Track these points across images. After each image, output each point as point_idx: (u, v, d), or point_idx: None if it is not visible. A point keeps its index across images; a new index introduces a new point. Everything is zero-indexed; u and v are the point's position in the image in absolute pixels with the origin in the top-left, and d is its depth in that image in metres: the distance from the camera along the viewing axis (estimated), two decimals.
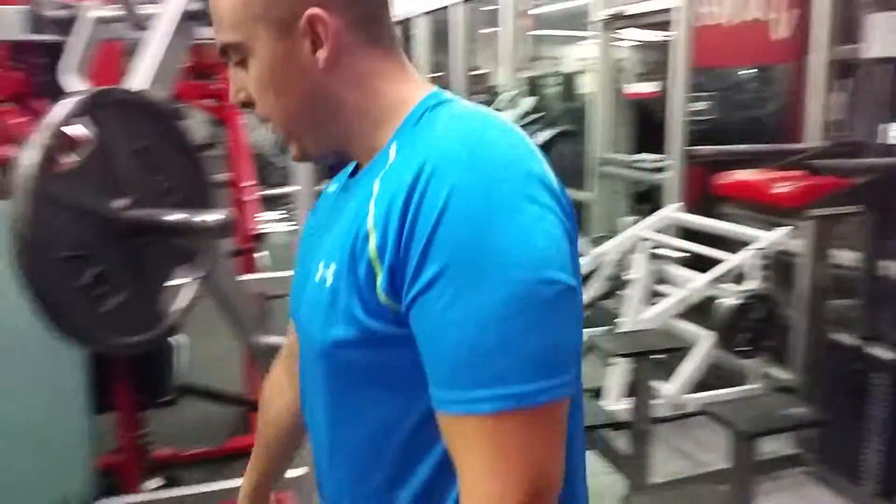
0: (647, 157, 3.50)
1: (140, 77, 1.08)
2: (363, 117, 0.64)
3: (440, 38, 5.82)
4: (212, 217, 1.06)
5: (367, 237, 0.57)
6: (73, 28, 1.23)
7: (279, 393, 0.92)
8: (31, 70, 2.80)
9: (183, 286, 1.18)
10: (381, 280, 0.56)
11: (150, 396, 2.01)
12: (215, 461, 2.42)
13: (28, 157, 0.88)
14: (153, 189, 1.07)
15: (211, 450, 2.56)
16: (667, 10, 3.18)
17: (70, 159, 0.91)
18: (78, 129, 0.91)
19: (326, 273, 0.62)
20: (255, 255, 2.44)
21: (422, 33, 6.13)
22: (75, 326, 0.95)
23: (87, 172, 0.95)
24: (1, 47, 2.82)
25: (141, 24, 1.24)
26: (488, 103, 4.05)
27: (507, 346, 0.53)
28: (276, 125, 0.66)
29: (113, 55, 2.76)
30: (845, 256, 2.34)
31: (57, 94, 2.92)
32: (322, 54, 0.60)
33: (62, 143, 0.90)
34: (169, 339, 2.18)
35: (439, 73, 6.28)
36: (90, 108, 0.93)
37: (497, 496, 0.54)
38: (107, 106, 0.98)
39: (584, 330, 0.64)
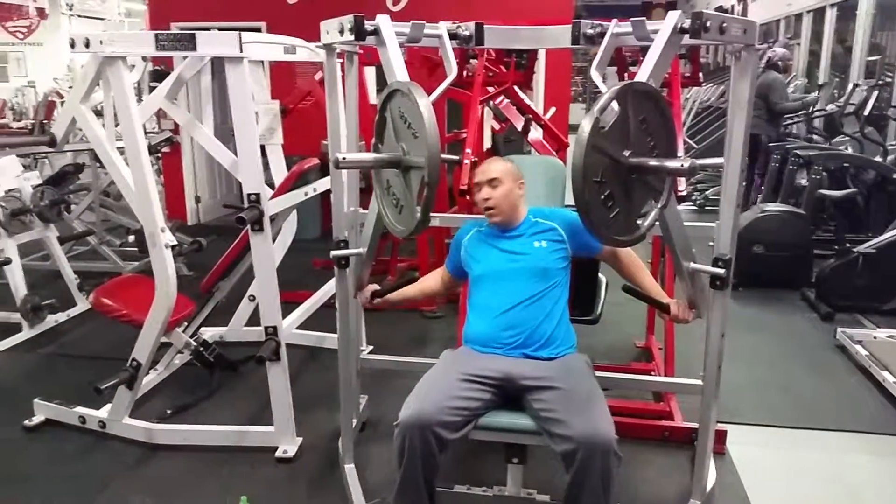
0: None
1: (644, 72, 1.70)
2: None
3: (887, 14, 5.50)
4: (678, 164, 1.64)
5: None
6: (601, 40, 1.91)
7: (434, 282, 2.47)
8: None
9: (650, 212, 1.80)
10: None
11: (580, 313, 2.61)
12: None
13: (586, 123, 1.56)
14: (644, 145, 1.69)
15: (617, 366, 3.26)
16: None
17: (606, 125, 1.58)
18: (613, 107, 1.57)
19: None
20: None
21: (862, 11, 5.79)
22: (595, 221, 1.63)
23: (613, 133, 1.60)
24: (498, 53, 3.82)
25: (644, 36, 1.87)
26: None
27: None
28: (499, 210, 2.22)
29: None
30: None
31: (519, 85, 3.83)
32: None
33: (605, 116, 1.57)
34: (598, 273, 2.88)
35: (875, 57, 5.86)
36: (621, 95, 1.59)
37: None
38: (627, 93, 1.62)
39: None
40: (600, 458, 1.79)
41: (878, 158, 5.26)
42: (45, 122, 6.28)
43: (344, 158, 1.73)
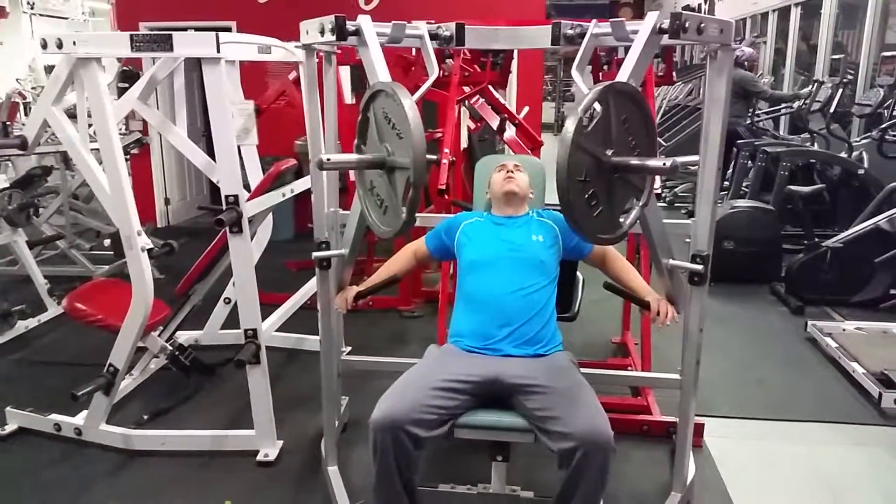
0: None
1: (624, 73, 1.72)
2: None
3: (850, 13, 5.66)
4: (660, 163, 1.66)
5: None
6: (580, 41, 1.93)
7: (405, 261, 2.47)
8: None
9: (632, 210, 1.82)
10: None
11: (558, 310, 2.70)
12: None
13: (570, 123, 1.58)
14: (626, 144, 1.71)
15: (594, 362, 3.29)
16: None
17: (590, 124, 1.60)
18: (595, 107, 1.59)
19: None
20: None
21: (826, 10, 5.96)
22: (580, 220, 1.64)
23: (596, 133, 1.62)
24: (474, 53, 3.83)
25: (624, 36, 1.89)
26: None
27: None
28: (517, 184, 2.34)
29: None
30: None
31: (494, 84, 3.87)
32: None
33: (588, 116, 1.58)
34: (577, 272, 2.91)
35: (838, 56, 5.99)
36: (603, 95, 1.61)
37: None
38: (609, 93, 1.64)
39: None
40: (600, 455, 1.81)
41: (844, 154, 5.38)
42: (7, 123, 6.12)
43: (328, 160, 1.72)
